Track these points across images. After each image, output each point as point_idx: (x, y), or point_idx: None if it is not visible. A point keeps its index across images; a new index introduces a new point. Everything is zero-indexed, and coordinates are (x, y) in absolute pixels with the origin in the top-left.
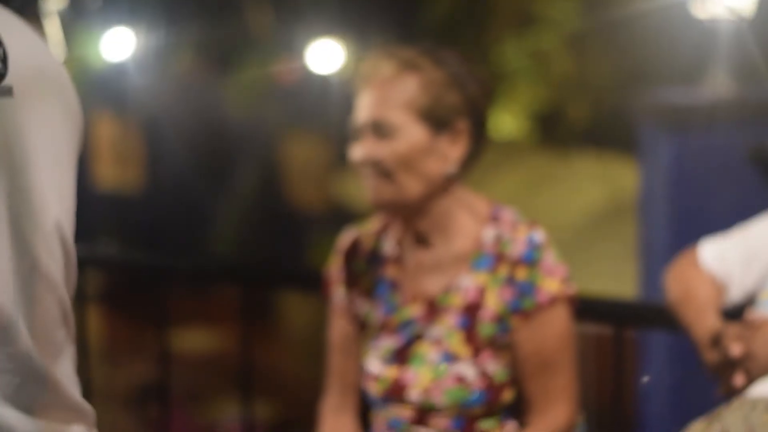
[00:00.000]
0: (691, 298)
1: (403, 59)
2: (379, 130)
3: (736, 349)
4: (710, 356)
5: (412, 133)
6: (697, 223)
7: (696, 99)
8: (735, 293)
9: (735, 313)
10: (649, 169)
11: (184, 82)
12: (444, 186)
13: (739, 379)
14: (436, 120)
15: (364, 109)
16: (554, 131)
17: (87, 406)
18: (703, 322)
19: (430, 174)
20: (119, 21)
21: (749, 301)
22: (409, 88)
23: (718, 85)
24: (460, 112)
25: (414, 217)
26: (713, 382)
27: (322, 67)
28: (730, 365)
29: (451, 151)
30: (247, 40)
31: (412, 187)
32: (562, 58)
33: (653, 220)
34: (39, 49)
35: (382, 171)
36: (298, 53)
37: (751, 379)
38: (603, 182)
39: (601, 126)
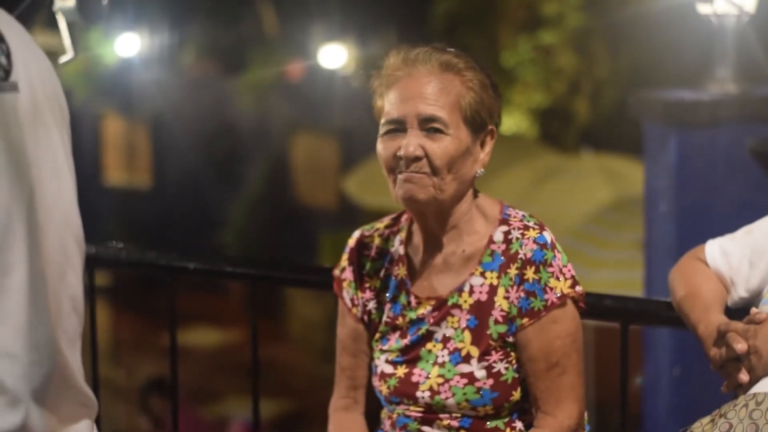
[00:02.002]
0: (696, 296)
1: (443, 60)
2: (430, 127)
3: (740, 346)
4: (715, 353)
5: (460, 134)
6: (701, 220)
7: (700, 96)
8: (740, 291)
9: (740, 311)
10: (654, 166)
11: (192, 80)
12: (470, 188)
13: (743, 376)
14: (476, 123)
15: (406, 103)
16: (558, 128)
17: (93, 398)
18: (708, 319)
19: (465, 176)
20: (128, 20)
21: (754, 299)
22: (456, 90)
23: (723, 82)
24: (492, 116)
25: (438, 217)
26: (718, 378)
27: (330, 66)
28: (734, 362)
29: (481, 154)
30: (256, 40)
31: (450, 187)
32: (566, 56)
33: (658, 216)
34: (36, 51)
35: (430, 168)
36: (307, 53)
37: (755, 376)
38: (608, 178)
39: (605, 123)
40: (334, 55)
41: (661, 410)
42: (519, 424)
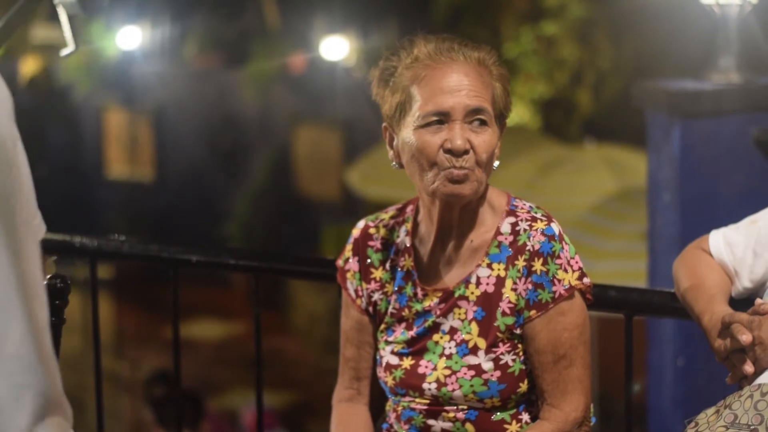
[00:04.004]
0: (701, 287)
1: (479, 54)
2: (476, 119)
3: (745, 337)
4: (719, 344)
5: (495, 129)
6: (705, 210)
7: (704, 86)
8: (744, 281)
9: (744, 302)
10: (658, 156)
11: (194, 72)
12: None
13: (748, 367)
14: (502, 117)
15: (453, 94)
16: (561, 119)
17: (69, 407)
18: (712, 310)
19: (490, 169)
20: (130, 13)
21: (759, 289)
22: (491, 84)
23: (726, 71)
24: (509, 112)
25: (463, 210)
26: (722, 369)
27: (332, 58)
28: (739, 353)
29: (498, 148)
30: (259, 32)
31: (484, 179)
32: (568, 46)
33: (662, 206)
34: None
35: (477, 162)
36: (309, 45)
37: (760, 367)
38: (611, 168)
39: (607, 113)
40: (336, 47)
41: (665, 401)
42: (525, 417)
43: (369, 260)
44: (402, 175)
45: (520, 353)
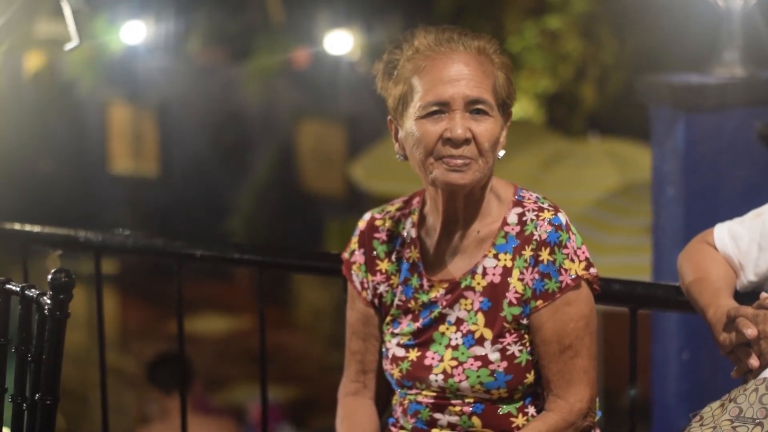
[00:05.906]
0: (705, 280)
1: (479, 43)
2: (475, 108)
3: (750, 331)
4: (724, 338)
5: (497, 117)
6: (709, 204)
7: (707, 80)
8: (749, 275)
9: (749, 295)
10: (662, 150)
11: (198, 67)
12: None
13: (753, 361)
14: (505, 105)
15: (452, 85)
16: (565, 113)
17: None
18: (717, 304)
19: (494, 158)
20: (134, 8)
21: (764, 283)
22: (492, 73)
23: (730, 65)
24: (513, 100)
25: (467, 200)
26: (727, 363)
27: (336, 53)
28: (744, 347)
29: (502, 137)
30: (262, 27)
31: (487, 169)
32: (572, 40)
33: (666, 200)
34: None
35: (477, 150)
36: (313, 39)
37: (765, 361)
38: (615, 163)
39: (611, 108)
40: (340, 42)
41: (670, 395)
42: (531, 410)
43: (375, 252)
44: (406, 169)
45: (527, 344)
